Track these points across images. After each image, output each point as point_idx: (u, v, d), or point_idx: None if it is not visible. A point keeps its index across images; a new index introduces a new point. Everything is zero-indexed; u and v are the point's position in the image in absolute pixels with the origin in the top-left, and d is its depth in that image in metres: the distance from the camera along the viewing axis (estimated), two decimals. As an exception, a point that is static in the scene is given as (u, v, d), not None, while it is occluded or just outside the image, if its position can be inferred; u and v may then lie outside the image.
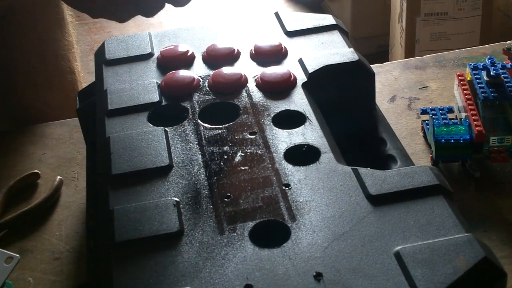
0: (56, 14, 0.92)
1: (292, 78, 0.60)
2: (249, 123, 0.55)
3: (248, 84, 0.60)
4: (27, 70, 0.91)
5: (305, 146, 0.52)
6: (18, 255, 0.56)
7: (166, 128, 0.56)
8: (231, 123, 0.56)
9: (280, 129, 0.54)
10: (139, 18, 0.62)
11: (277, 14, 0.71)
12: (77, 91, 0.94)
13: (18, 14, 0.87)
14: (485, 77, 0.68)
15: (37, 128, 0.82)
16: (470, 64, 0.70)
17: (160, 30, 0.71)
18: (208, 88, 0.61)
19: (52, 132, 0.80)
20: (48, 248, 0.63)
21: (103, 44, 0.70)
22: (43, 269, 0.61)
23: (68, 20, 0.95)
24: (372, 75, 0.63)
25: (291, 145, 0.52)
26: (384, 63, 0.85)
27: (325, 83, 0.60)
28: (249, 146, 0.53)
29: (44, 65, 0.92)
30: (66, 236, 0.64)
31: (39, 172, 0.72)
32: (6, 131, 0.84)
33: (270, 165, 0.51)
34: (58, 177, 0.71)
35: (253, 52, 0.65)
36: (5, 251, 0.56)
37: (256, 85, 0.60)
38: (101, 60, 0.67)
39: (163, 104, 0.60)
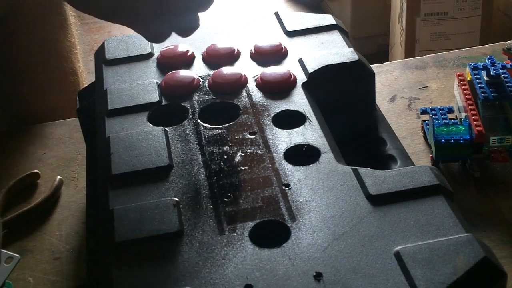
0: (59, 15, 0.92)
1: (292, 78, 0.60)
2: (249, 123, 0.55)
3: (248, 84, 0.60)
4: (29, 71, 0.90)
5: (305, 146, 0.52)
6: (18, 255, 0.56)
7: (166, 128, 0.56)
8: (231, 123, 0.56)
9: (280, 129, 0.54)
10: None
11: (277, 14, 0.71)
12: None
13: (21, 15, 0.87)
14: (485, 77, 0.68)
15: (37, 128, 0.82)
16: (470, 64, 0.70)
17: (160, 30, 0.71)
18: (208, 88, 0.61)
19: (52, 132, 0.80)
20: (48, 248, 0.63)
21: (103, 44, 0.70)
22: (43, 269, 0.61)
23: (71, 21, 0.95)
24: (372, 75, 0.63)
25: (291, 145, 0.52)
26: (384, 63, 0.85)
27: (325, 83, 0.60)
28: (249, 146, 0.53)
29: (46, 66, 0.92)
30: (66, 236, 0.64)
31: (39, 172, 0.72)
32: (6, 131, 0.84)
33: (270, 165, 0.51)
34: (58, 177, 0.71)
35: (253, 52, 0.65)
36: (5, 251, 0.56)
37: (256, 85, 0.60)
38: (101, 60, 0.67)
39: (163, 104, 0.60)
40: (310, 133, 0.53)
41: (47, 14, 0.90)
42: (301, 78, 0.60)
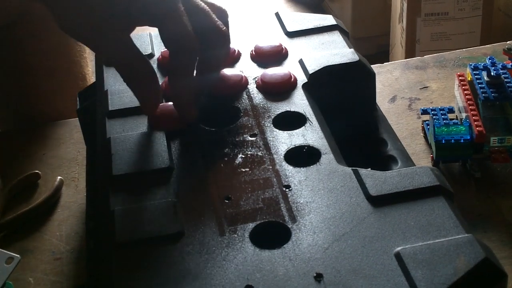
0: None
1: (292, 79, 0.60)
2: (249, 125, 0.55)
3: (248, 86, 0.60)
4: (39, 75, 0.90)
5: (306, 147, 0.52)
6: (18, 256, 0.56)
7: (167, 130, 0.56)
8: (231, 125, 0.56)
9: (280, 131, 0.54)
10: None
11: (277, 15, 0.71)
12: None
13: (30, 21, 0.87)
14: (485, 77, 0.68)
15: (37, 128, 0.82)
16: (471, 64, 0.70)
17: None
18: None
19: (53, 132, 0.80)
20: (48, 248, 0.63)
21: (103, 45, 0.70)
22: (44, 270, 0.61)
23: None
24: (372, 75, 0.62)
25: (291, 147, 0.52)
26: (385, 63, 0.85)
27: (325, 84, 0.60)
28: (250, 148, 0.53)
29: (57, 71, 0.92)
30: (66, 237, 0.64)
31: (40, 172, 0.72)
32: (6, 131, 0.84)
33: (271, 167, 0.51)
34: (59, 177, 0.71)
35: (254, 53, 0.65)
36: (6, 251, 0.56)
37: (256, 87, 0.60)
38: (102, 60, 0.67)
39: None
40: (311, 134, 0.53)
41: None
42: (302, 79, 0.60)
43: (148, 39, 0.69)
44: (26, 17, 0.86)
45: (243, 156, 0.52)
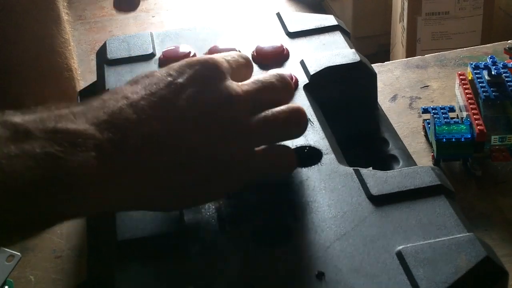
0: (51, 11, 0.92)
1: (293, 80, 0.59)
2: (250, 123, 0.55)
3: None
4: (23, 66, 0.90)
5: (307, 148, 0.52)
6: (19, 254, 0.56)
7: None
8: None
9: (281, 130, 0.54)
10: (140, 17, 0.61)
11: (278, 15, 0.71)
12: (74, 88, 0.93)
13: (13, 11, 0.87)
14: (486, 77, 0.68)
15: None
16: (472, 64, 0.70)
17: (161, 30, 0.71)
18: (209, 88, 0.60)
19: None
20: (49, 246, 0.63)
21: (104, 44, 0.70)
22: (45, 268, 0.61)
23: (64, 18, 0.95)
24: (374, 76, 0.62)
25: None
26: (386, 63, 0.85)
27: (326, 85, 0.60)
28: (251, 146, 0.53)
29: (40, 62, 0.91)
30: (67, 235, 0.65)
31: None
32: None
33: (272, 165, 0.51)
34: (60, 176, 0.71)
35: (255, 54, 0.64)
36: (6, 249, 0.56)
37: (257, 86, 0.60)
38: (103, 59, 0.67)
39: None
40: (312, 135, 0.53)
41: (39, 10, 0.90)
42: (303, 80, 0.60)
43: (149, 39, 0.69)
44: (8, 8, 0.86)
45: (245, 155, 0.52)
